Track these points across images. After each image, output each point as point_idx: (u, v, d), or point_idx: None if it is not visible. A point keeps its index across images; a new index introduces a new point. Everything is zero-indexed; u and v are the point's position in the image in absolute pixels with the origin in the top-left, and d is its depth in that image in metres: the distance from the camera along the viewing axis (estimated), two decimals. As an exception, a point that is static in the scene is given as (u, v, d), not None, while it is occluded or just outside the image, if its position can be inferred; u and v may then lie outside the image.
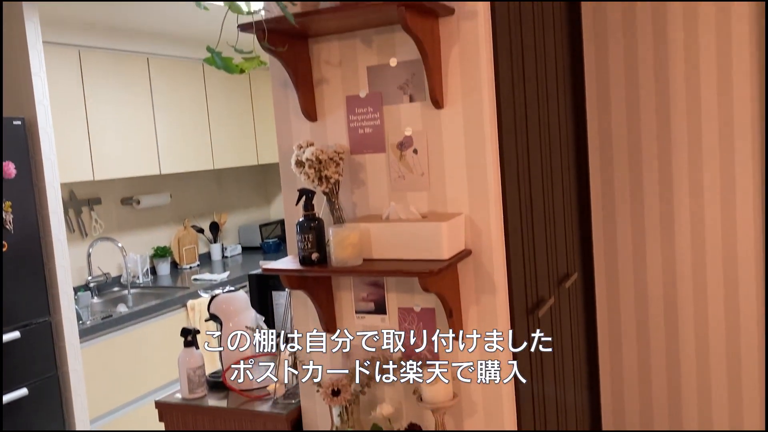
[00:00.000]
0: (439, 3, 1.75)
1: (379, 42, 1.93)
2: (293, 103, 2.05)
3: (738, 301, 2.80)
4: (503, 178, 1.89)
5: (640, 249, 2.95)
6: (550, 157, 2.40)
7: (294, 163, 1.90)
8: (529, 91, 2.16)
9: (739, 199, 2.75)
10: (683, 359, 2.92)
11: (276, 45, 1.81)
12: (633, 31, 2.84)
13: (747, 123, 2.70)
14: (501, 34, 1.90)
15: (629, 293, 2.99)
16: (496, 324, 1.88)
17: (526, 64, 2.14)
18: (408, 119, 1.93)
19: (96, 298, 4.29)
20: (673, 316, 2.92)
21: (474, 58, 1.83)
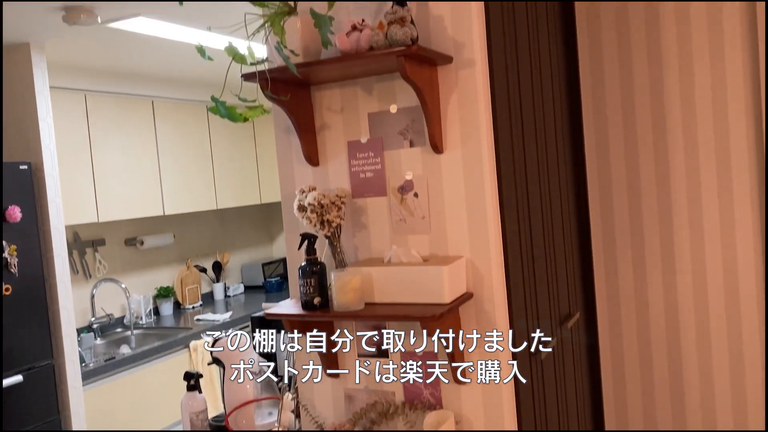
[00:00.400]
0: (437, 52, 1.79)
1: (380, 89, 1.97)
2: (296, 148, 2.09)
3: (741, 341, 2.80)
4: (503, 221, 1.92)
5: (641, 287, 2.96)
6: (549, 198, 2.43)
7: (296, 207, 1.93)
8: (527, 134, 2.19)
9: (739, 238, 2.76)
10: (687, 396, 2.91)
11: (279, 94, 1.85)
12: (630, 77, 2.89)
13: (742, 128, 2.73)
14: (498, 80, 1.94)
15: (632, 332, 2.99)
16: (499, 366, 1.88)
17: (524, 107, 2.18)
18: (408, 164, 1.96)
19: (99, 340, 4.29)
20: (676, 356, 2.91)
21: (472, 105, 1.86)
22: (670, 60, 2.82)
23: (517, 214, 2.04)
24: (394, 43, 1.69)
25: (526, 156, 2.16)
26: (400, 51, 1.66)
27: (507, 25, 2.05)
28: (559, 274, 2.52)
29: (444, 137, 1.90)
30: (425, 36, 1.87)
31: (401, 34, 1.68)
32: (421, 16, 1.88)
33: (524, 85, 2.20)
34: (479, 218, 1.87)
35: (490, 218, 1.87)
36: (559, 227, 2.55)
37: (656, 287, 2.94)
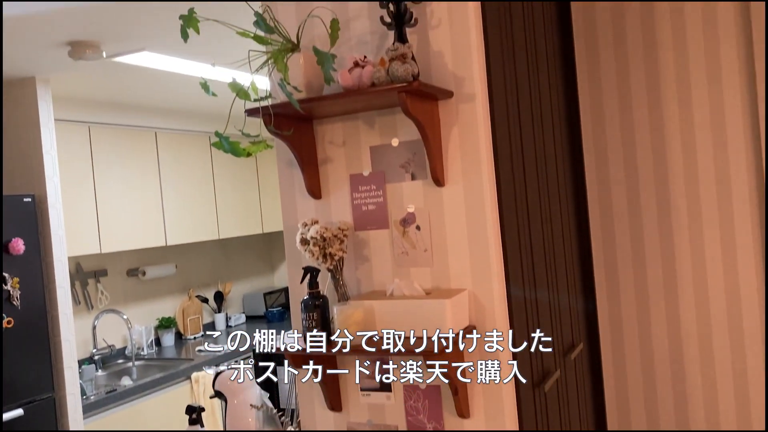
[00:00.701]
0: (438, 88, 1.82)
1: (382, 123, 1.99)
2: (298, 181, 2.10)
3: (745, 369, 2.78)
4: (505, 254, 1.92)
5: (644, 317, 2.95)
6: (551, 229, 2.44)
7: (299, 241, 1.94)
8: (528, 166, 2.21)
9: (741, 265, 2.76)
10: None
11: (282, 129, 1.87)
12: (629, 106, 2.92)
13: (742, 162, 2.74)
14: (499, 113, 1.96)
15: (635, 362, 2.98)
16: (502, 400, 1.87)
17: (525, 139, 2.20)
18: (410, 197, 1.97)
19: (100, 371, 4.27)
20: (681, 389, 2.90)
21: (473, 138, 1.88)
22: (668, 88, 2.85)
23: (519, 246, 2.05)
24: (396, 80, 1.71)
25: (527, 188, 2.18)
26: (402, 87, 1.69)
27: (506, 57, 2.08)
28: (561, 304, 2.51)
29: (445, 170, 1.92)
30: (426, 71, 1.90)
31: (402, 71, 1.70)
32: (421, 51, 1.91)
33: (524, 117, 2.22)
34: (481, 251, 1.88)
35: (492, 251, 1.87)
36: (561, 258, 2.55)
37: (659, 317, 2.93)
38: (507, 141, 2.02)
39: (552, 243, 2.44)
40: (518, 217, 2.06)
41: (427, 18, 1.89)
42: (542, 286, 2.27)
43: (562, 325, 2.50)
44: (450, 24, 1.87)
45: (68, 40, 2.80)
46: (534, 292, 2.16)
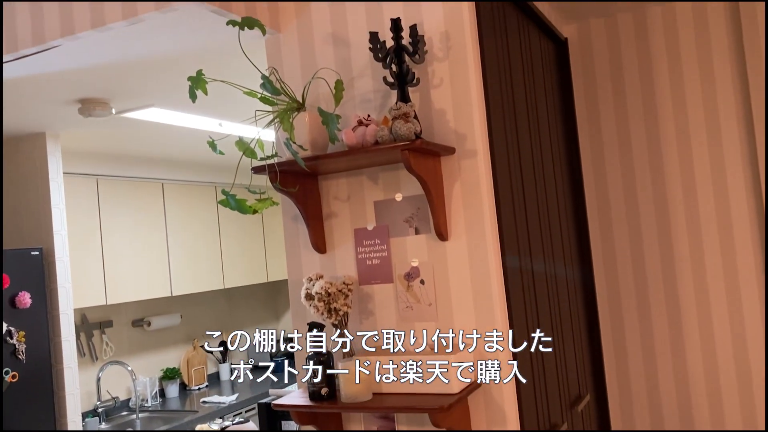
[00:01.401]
0: (440, 145, 1.85)
1: (385, 178, 2.02)
2: (303, 235, 2.13)
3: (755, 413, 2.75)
4: (509, 307, 1.93)
5: (651, 366, 2.93)
6: (555, 281, 2.44)
7: (304, 296, 1.95)
8: (531, 219, 2.23)
9: (748, 321, 2.76)
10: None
11: (288, 186, 1.90)
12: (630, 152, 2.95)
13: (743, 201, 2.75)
14: (500, 168, 1.99)
15: (644, 411, 2.94)
16: (509, 456, 1.86)
17: (527, 192, 2.23)
18: (414, 251, 1.99)
19: (104, 424, 4.23)
20: None
21: (476, 193, 1.91)
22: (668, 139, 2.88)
23: (524, 299, 2.06)
24: (399, 138, 1.75)
25: (530, 241, 2.20)
26: (405, 146, 1.72)
27: (507, 112, 2.12)
28: (567, 356, 2.50)
29: (449, 225, 1.94)
30: (428, 128, 1.94)
31: (405, 130, 1.74)
32: (424, 109, 1.95)
33: (526, 170, 2.26)
34: (486, 305, 1.88)
35: (496, 305, 1.88)
36: (566, 309, 2.55)
37: (666, 367, 2.91)
38: (509, 195, 2.05)
39: (557, 295, 2.44)
40: (522, 270, 2.08)
41: (428, 77, 1.94)
42: (547, 337, 2.26)
43: (568, 376, 2.49)
44: (451, 83, 1.92)
45: (78, 97, 2.87)
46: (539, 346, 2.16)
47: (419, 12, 1.96)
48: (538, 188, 2.37)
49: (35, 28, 2.11)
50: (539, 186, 2.38)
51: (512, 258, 2.00)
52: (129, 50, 2.31)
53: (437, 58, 1.93)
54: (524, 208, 2.17)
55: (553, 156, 2.63)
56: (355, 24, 2.04)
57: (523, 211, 2.15)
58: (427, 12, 1.95)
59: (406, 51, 1.85)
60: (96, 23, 2.01)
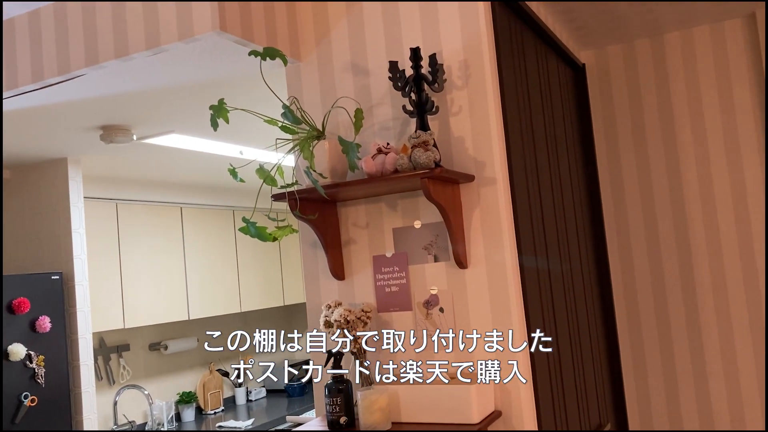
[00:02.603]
0: (459, 173, 1.85)
1: (404, 205, 2.03)
2: (322, 262, 2.13)
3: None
4: (530, 337, 1.91)
5: (673, 395, 2.88)
6: (576, 309, 2.42)
7: (323, 323, 1.95)
8: (550, 246, 2.22)
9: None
10: None
11: (307, 213, 1.91)
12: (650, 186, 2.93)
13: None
14: (520, 195, 1.99)
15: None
16: (530, 488, 1.83)
17: (546, 219, 2.22)
18: (433, 278, 1.98)
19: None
20: (714, 468, 2.80)
21: (495, 221, 1.90)
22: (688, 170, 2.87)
23: (544, 328, 2.04)
24: (418, 166, 1.75)
25: (550, 269, 2.18)
26: (424, 174, 1.73)
27: (526, 138, 2.13)
28: (588, 385, 2.47)
29: (468, 252, 1.93)
30: (447, 155, 1.94)
31: (425, 158, 1.74)
32: (443, 137, 1.96)
33: (545, 196, 2.25)
34: (506, 334, 1.87)
35: (516, 334, 1.86)
36: (586, 338, 2.53)
37: (688, 395, 2.86)
38: (528, 222, 2.04)
39: (577, 323, 2.42)
40: (542, 298, 2.06)
41: (447, 105, 1.95)
42: (568, 367, 2.24)
43: (588, 405, 2.45)
44: (470, 111, 1.93)
45: (101, 124, 2.91)
46: (560, 373, 2.14)
47: (438, 41, 1.97)
48: (557, 215, 2.36)
49: (60, 58, 2.15)
50: (558, 213, 2.37)
51: (532, 287, 1.98)
52: (151, 79, 2.34)
53: (456, 86, 1.94)
54: (543, 235, 2.16)
55: (572, 182, 2.62)
56: (374, 53, 2.06)
57: (542, 238, 2.14)
58: (446, 41, 1.96)
59: (426, 80, 1.87)
60: (120, 53, 2.04)
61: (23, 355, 3.11)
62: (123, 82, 2.35)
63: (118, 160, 3.72)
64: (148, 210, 4.39)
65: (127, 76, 2.28)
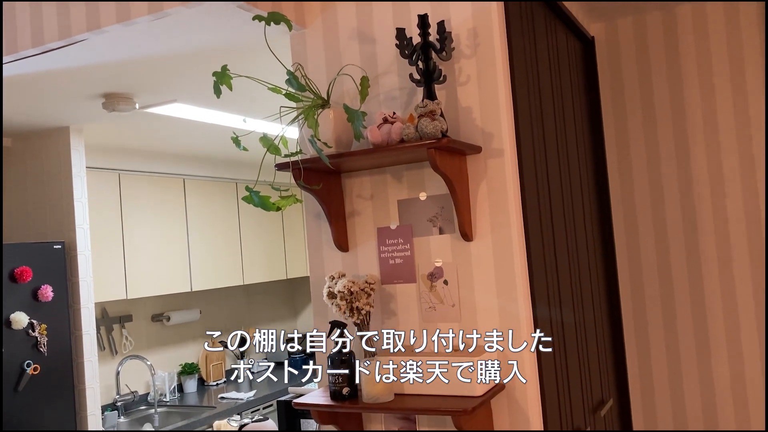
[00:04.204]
0: (466, 143, 1.83)
1: (409, 177, 2.00)
2: (326, 234, 2.11)
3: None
4: (535, 310, 1.90)
5: (675, 370, 2.88)
6: (580, 284, 2.41)
7: (326, 294, 1.93)
8: (556, 220, 2.20)
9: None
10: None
11: (311, 183, 1.89)
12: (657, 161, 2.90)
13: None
14: (527, 168, 1.96)
15: (667, 416, 2.89)
16: (532, 460, 1.83)
17: (553, 193, 2.19)
18: (438, 251, 1.97)
19: (122, 418, 4.25)
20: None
21: (502, 193, 1.88)
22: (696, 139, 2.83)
23: (548, 301, 2.03)
24: (425, 136, 1.73)
25: (555, 242, 2.16)
26: (431, 144, 1.70)
27: (534, 110, 2.09)
28: (590, 360, 2.47)
29: (473, 225, 1.91)
30: (454, 126, 1.91)
31: (431, 128, 1.71)
32: (450, 107, 1.92)
33: (552, 170, 2.22)
34: (510, 307, 1.86)
35: (521, 307, 1.85)
36: (590, 314, 2.52)
37: (691, 371, 2.86)
38: (535, 195, 2.02)
39: (581, 297, 2.40)
40: (547, 272, 2.04)
41: (455, 75, 1.92)
42: (571, 341, 2.23)
43: (591, 380, 2.45)
44: (478, 80, 1.89)
45: (103, 92, 2.88)
46: (563, 347, 2.12)
47: (447, 8, 1.93)
48: (564, 188, 2.33)
49: (61, 22, 2.11)
50: (565, 186, 2.35)
51: (538, 259, 1.96)
52: (154, 45, 2.31)
53: (464, 55, 1.91)
54: (550, 209, 2.14)
55: (579, 155, 2.59)
56: (381, 20, 2.02)
57: (548, 211, 2.12)
58: (454, 8, 1.92)
59: (433, 48, 1.83)
60: (122, 17, 2.00)
61: (26, 323, 3.11)
62: (125, 48, 2.31)
63: (120, 130, 3.69)
64: (151, 181, 4.37)
65: (129, 42, 2.25)
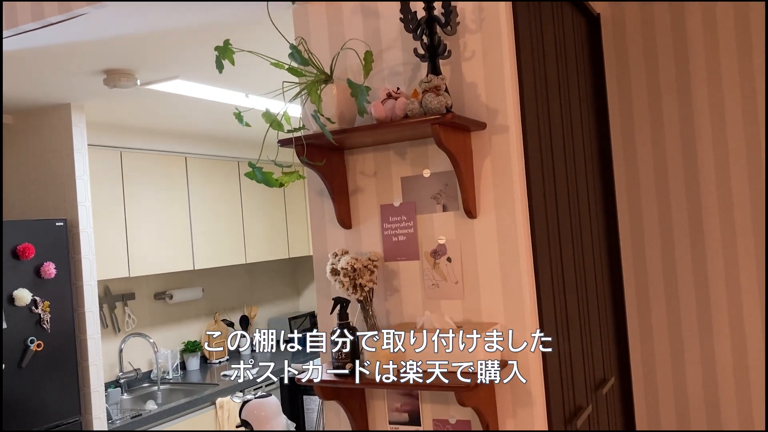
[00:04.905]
0: (471, 119, 1.81)
1: (413, 154, 1.99)
2: (329, 211, 2.10)
3: (784, 408, 2.70)
4: (538, 287, 1.89)
5: (677, 349, 2.88)
6: (583, 261, 2.40)
7: (329, 271, 1.93)
8: (560, 198, 2.19)
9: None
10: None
11: (314, 159, 1.87)
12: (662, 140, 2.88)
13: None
14: (532, 145, 1.95)
15: (668, 396, 2.90)
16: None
17: (557, 171, 2.18)
18: (441, 228, 1.96)
19: (126, 395, 4.28)
20: (716, 425, 2.81)
21: (506, 170, 1.87)
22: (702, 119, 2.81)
23: (552, 279, 2.02)
24: (429, 112, 1.71)
25: (559, 220, 2.15)
26: (435, 119, 1.68)
27: (539, 87, 2.07)
28: (593, 338, 2.47)
29: (477, 202, 1.90)
30: (459, 102, 1.89)
31: (436, 103, 1.70)
32: (455, 83, 1.90)
33: (556, 147, 2.20)
34: (514, 284, 1.85)
35: (525, 284, 1.85)
36: (592, 291, 2.51)
37: (693, 350, 2.86)
38: (540, 172, 2.00)
39: (584, 275, 2.40)
40: (551, 249, 2.04)
41: (460, 50, 1.89)
42: (574, 319, 2.23)
43: (593, 359, 2.45)
44: (483, 56, 1.87)
45: (104, 68, 2.85)
46: (566, 325, 2.12)
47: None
48: (568, 166, 2.32)
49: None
50: (569, 164, 2.33)
51: (541, 237, 1.96)
52: (155, 20, 2.28)
53: (469, 29, 1.88)
54: (554, 186, 2.12)
55: (583, 133, 2.57)
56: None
57: (552, 189, 2.11)
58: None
59: (438, 22, 1.80)
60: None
61: (28, 300, 3.12)
62: (126, 23, 2.29)
63: (122, 107, 3.67)
64: (153, 159, 4.35)
65: (130, 17, 2.22)
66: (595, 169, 2.73)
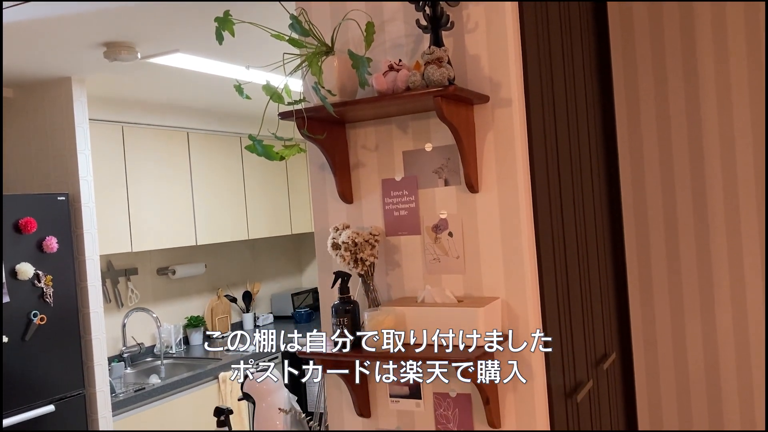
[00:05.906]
0: (474, 92, 1.79)
1: (415, 127, 1.97)
2: (330, 185, 2.09)
3: (785, 384, 2.70)
4: (539, 261, 1.89)
5: (679, 326, 2.88)
6: (585, 237, 2.39)
7: (330, 245, 1.93)
8: (563, 173, 2.17)
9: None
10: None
11: (315, 133, 1.86)
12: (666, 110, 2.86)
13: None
14: (535, 119, 1.93)
15: (669, 373, 2.91)
16: (534, 410, 1.84)
17: (560, 146, 2.16)
18: (443, 202, 1.95)
19: (129, 369, 4.31)
20: (716, 399, 2.82)
21: (509, 144, 1.85)
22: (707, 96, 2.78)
23: (553, 254, 2.01)
24: (431, 84, 1.69)
25: (562, 195, 2.14)
26: (437, 92, 1.66)
27: (543, 61, 2.05)
28: (594, 314, 2.47)
29: (480, 176, 1.89)
30: (462, 75, 1.87)
31: (438, 75, 1.68)
32: (457, 55, 1.88)
33: (560, 123, 2.19)
34: (515, 259, 1.84)
35: (526, 259, 1.84)
36: (594, 267, 2.51)
37: (694, 326, 2.86)
38: (543, 147, 1.99)
39: (586, 251, 2.39)
40: (553, 224, 2.03)
41: (463, 21, 1.87)
42: (575, 294, 2.23)
43: (594, 334, 2.45)
44: (487, 27, 1.84)
45: (104, 41, 2.83)
46: (567, 301, 2.12)
47: (455, -48, 1.87)
48: (572, 142, 2.30)
49: (60, -34, 2.06)
50: (572, 140, 2.31)
51: (543, 211, 1.95)
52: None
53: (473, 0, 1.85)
54: (557, 161, 2.11)
55: (588, 109, 2.55)
56: (387, -35, 1.96)
57: (555, 163, 2.09)
58: (463, -47, 1.86)
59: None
60: (121, -39, 1.95)
61: (31, 274, 3.13)
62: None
63: (123, 81, 3.65)
64: (155, 134, 4.34)
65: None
66: (599, 145, 2.71)
